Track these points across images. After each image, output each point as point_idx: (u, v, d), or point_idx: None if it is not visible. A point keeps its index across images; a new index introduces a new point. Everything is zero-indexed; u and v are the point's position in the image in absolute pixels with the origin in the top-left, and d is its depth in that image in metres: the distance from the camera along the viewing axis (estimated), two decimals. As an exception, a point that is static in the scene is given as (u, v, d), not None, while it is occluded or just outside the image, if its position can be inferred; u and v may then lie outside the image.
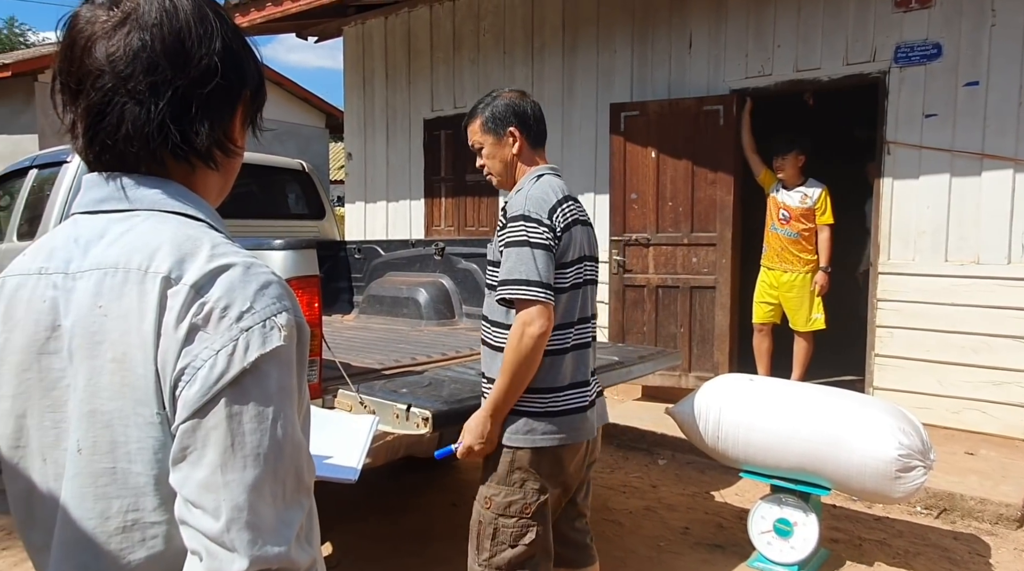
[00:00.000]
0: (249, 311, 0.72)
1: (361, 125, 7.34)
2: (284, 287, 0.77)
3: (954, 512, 3.58)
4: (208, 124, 0.81)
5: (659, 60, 5.34)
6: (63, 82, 0.79)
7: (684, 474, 4.25)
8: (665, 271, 5.21)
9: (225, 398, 0.70)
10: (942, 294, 4.23)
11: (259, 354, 0.71)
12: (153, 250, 0.75)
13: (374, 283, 4.59)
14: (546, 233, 1.89)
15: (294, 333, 0.75)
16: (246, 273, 0.74)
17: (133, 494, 0.74)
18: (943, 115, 4.17)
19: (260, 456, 0.70)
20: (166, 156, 0.80)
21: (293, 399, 0.75)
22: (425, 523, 3.51)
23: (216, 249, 0.76)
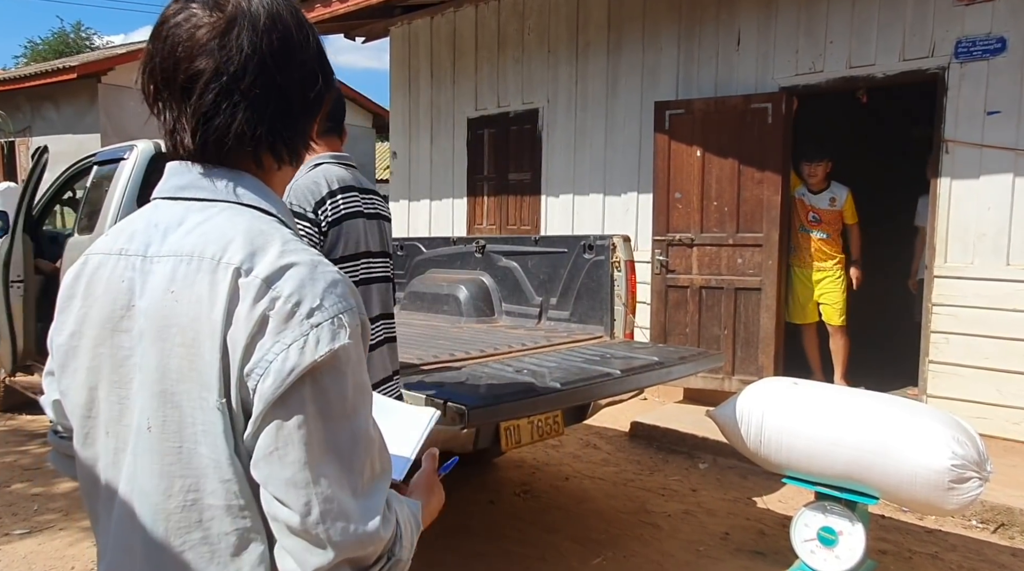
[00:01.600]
0: (319, 308, 0.74)
1: (406, 124, 7.41)
2: (349, 286, 0.79)
3: (1013, 527, 3.41)
4: (307, 123, 0.87)
5: (706, 58, 5.24)
6: (164, 82, 0.81)
7: (725, 479, 4.16)
8: (709, 272, 5.11)
9: (302, 394, 0.72)
10: (1003, 299, 4.04)
11: (329, 349, 0.73)
12: (227, 242, 0.77)
13: (416, 280, 4.63)
14: (304, 226, 1.81)
15: (359, 331, 0.77)
16: (314, 271, 0.76)
17: (195, 475, 0.76)
18: (1007, 112, 3.99)
19: (340, 450, 0.73)
20: (264, 154, 0.84)
21: (366, 395, 0.78)
22: (462, 519, 3.52)
23: (287, 246, 0.78)
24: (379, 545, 0.76)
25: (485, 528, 3.44)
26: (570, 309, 3.83)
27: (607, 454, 4.61)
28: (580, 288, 3.77)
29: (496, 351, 3.12)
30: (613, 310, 3.59)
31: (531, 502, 3.78)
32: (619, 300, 3.58)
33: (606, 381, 2.61)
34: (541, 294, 3.99)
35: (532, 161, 6.37)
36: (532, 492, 3.92)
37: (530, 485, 4.02)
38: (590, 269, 3.71)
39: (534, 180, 6.36)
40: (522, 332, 3.78)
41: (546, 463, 4.40)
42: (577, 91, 6.00)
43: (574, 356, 2.99)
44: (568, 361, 2.87)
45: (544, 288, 3.98)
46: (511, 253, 4.17)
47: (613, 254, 3.58)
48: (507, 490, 3.95)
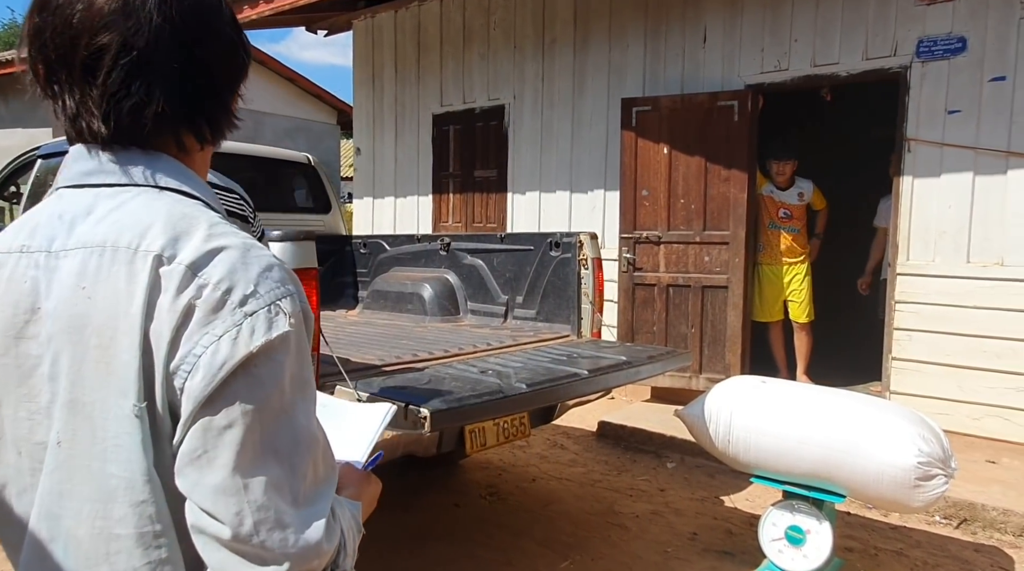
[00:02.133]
0: (253, 295, 0.67)
1: (370, 120, 7.27)
2: (287, 270, 0.72)
3: (975, 523, 3.44)
4: (229, 98, 0.79)
5: (672, 55, 5.23)
6: (59, 61, 0.72)
7: (693, 478, 4.14)
8: (676, 270, 5.09)
9: (235, 390, 0.64)
10: (964, 296, 4.09)
11: (265, 340, 0.66)
12: (145, 227, 0.69)
13: (379, 278, 4.52)
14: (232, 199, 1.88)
15: (301, 319, 0.70)
16: (246, 254, 0.69)
17: (104, 498, 0.68)
18: (967, 111, 4.03)
19: (278, 451, 0.66)
20: (186, 135, 0.76)
21: (307, 389, 0.70)
22: (427, 523, 3.43)
23: (214, 229, 0.70)
24: (323, 559, 0.68)
25: (450, 532, 3.35)
26: (536, 308, 3.76)
27: (574, 454, 4.56)
28: (547, 286, 3.70)
29: (461, 351, 3.04)
30: (580, 309, 3.53)
31: (497, 504, 3.70)
32: (586, 298, 3.52)
33: (573, 382, 2.55)
34: (507, 293, 3.92)
35: (498, 158, 6.29)
36: (499, 494, 3.84)
37: (496, 487, 3.95)
38: (557, 267, 3.65)
39: (500, 177, 6.28)
40: (487, 331, 3.70)
41: (513, 464, 4.33)
42: (544, 88, 5.94)
43: (540, 356, 2.92)
44: (534, 361, 2.80)
45: (510, 286, 3.91)
46: (476, 251, 4.09)
47: (580, 252, 3.52)
48: (473, 492, 3.86)
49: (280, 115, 14.56)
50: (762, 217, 5.19)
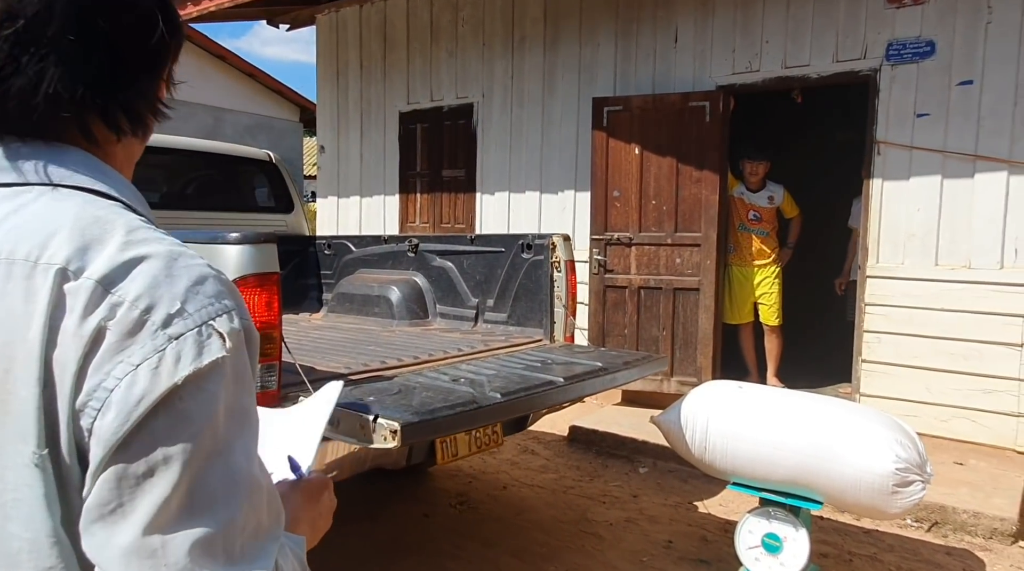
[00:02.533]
0: (180, 314, 0.56)
1: (334, 117, 7.08)
2: (225, 284, 0.61)
3: (946, 526, 3.45)
4: (148, 82, 0.67)
5: (643, 55, 5.18)
6: None
7: (666, 483, 4.08)
8: (648, 272, 5.04)
9: (154, 429, 0.53)
10: (932, 299, 4.11)
11: (194, 369, 0.55)
12: (48, 236, 0.57)
13: (344, 280, 4.37)
14: None
15: (241, 341, 0.59)
16: (172, 265, 0.58)
17: (5, 564, 0.56)
18: (935, 115, 4.06)
19: (209, 502, 0.54)
20: (92, 122, 0.64)
21: (245, 425, 0.59)
22: (395, 535, 3.30)
23: (133, 234, 0.59)
24: None
25: (419, 544, 3.23)
26: (508, 311, 3.66)
27: (546, 460, 4.47)
28: (518, 289, 3.60)
29: (431, 357, 2.92)
30: (553, 313, 3.44)
31: (468, 514, 3.59)
32: (559, 302, 3.44)
33: (549, 390, 2.45)
34: (477, 295, 3.81)
35: (467, 158, 6.17)
36: (469, 503, 3.73)
37: (467, 495, 3.84)
38: (529, 269, 3.55)
39: (469, 177, 6.17)
40: (458, 336, 3.59)
41: (483, 471, 4.22)
42: (513, 86, 5.84)
43: (514, 362, 2.82)
44: (508, 368, 2.70)
45: (480, 289, 3.80)
46: (446, 252, 3.97)
47: (553, 254, 3.43)
48: (442, 502, 3.74)
49: (240, 112, 14.21)
50: (732, 219, 5.19)
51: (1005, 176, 3.88)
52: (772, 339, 5.26)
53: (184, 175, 4.72)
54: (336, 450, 2.23)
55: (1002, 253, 3.91)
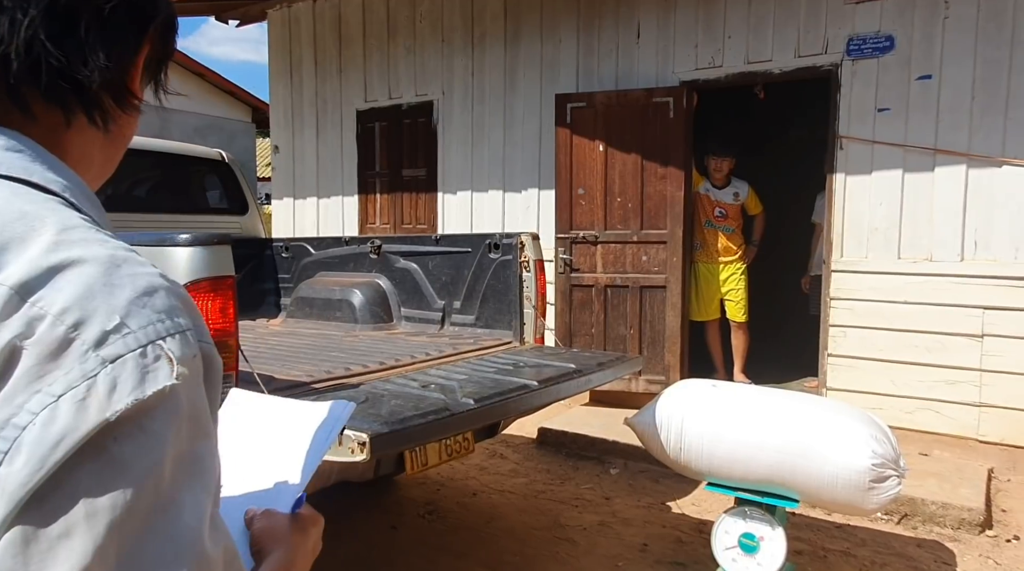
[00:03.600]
0: (118, 331, 0.44)
1: (288, 116, 6.86)
2: (181, 298, 0.49)
3: (916, 518, 3.47)
4: (104, 54, 0.54)
5: (606, 50, 5.12)
6: None
7: (638, 484, 4.02)
8: (614, 270, 4.99)
9: (77, 479, 0.41)
10: (895, 292, 4.15)
11: (133, 401, 0.43)
12: None
13: (303, 284, 4.20)
14: None
15: (199, 369, 0.47)
16: (113, 273, 0.46)
17: None
18: (896, 109, 4.09)
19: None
20: (30, 94, 0.52)
21: (199, 476, 0.47)
22: (362, 550, 3.16)
23: (66, 234, 0.47)
24: None
25: (387, 558, 3.10)
26: (475, 313, 3.55)
27: (515, 464, 4.37)
28: (486, 290, 3.50)
29: (398, 363, 2.80)
30: (522, 314, 3.34)
31: (437, 523, 3.47)
32: (528, 303, 3.34)
33: (524, 394, 2.36)
34: (443, 297, 3.69)
35: (427, 156, 6.04)
36: (438, 512, 3.61)
37: (435, 504, 3.71)
38: (496, 270, 3.45)
39: (430, 176, 6.03)
40: (424, 339, 3.47)
41: (451, 478, 4.10)
42: (474, 83, 5.73)
43: (485, 366, 2.72)
44: (479, 373, 2.60)
45: (447, 291, 3.68)
46: (410, 254, 3.84)
47: (521, 253, 3.33)
48: (410, 512, 3.62)
49: (189, 112, 13.77)
50: (698, 216, 5.17)
51: (964, 169, 3.94)
52: (739, 335, 5.27)
53: (131, 175, 4.48)
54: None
55: (962, 245, 3.97)
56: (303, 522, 0.71)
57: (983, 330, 3.92)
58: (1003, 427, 3.90)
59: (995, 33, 3.82)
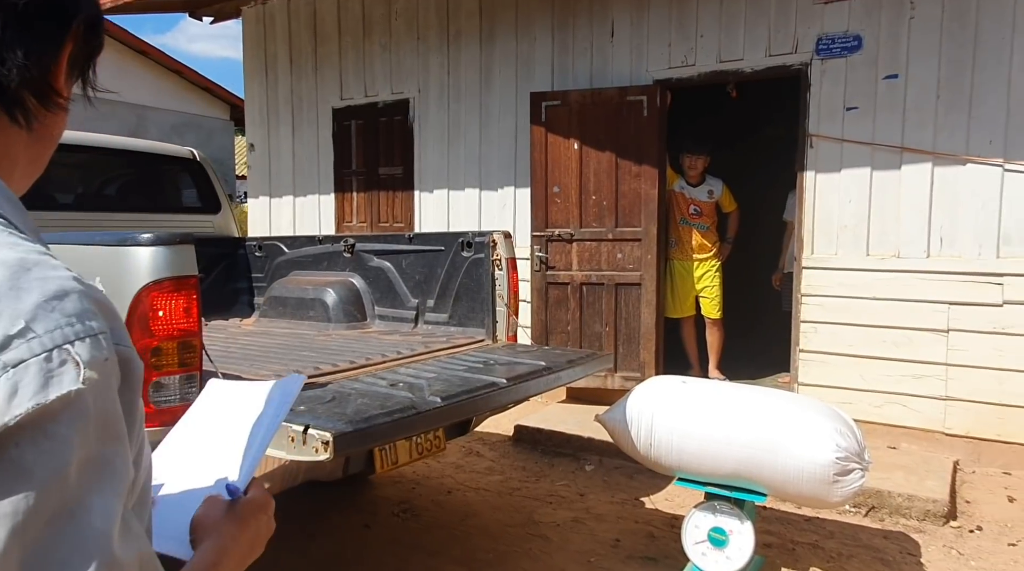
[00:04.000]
0: (22, 335, 0.44)
1: (264, 114, 6.81)
2: (96, 301, 0.49)
3: (882, 510, 3.53)
4: (22, 52, 0.54)
5: (580, 49, 5.14)
6: None
7: (613, 480, 4.06)
8: (589, 268, 5.02)
9: None
10: (864, 288, 4.21)
11: (35, 405, 0.43)
12: None
13: (277, 283, 4.18)
14: None
15: (111, 373, 0.47)
16: (22, 276, 0.46)
17: None
18: (864, 108, 4.15)
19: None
20: None
21: (108, 478, 0.46)
22: (334, 549, 3.16)
23: None
24: None
25: (360, 557, 3.10)
26: (449, 311, 3.55)
27: (491, 461, 4.38)
28: (459, 289, 3.50)
29: (368, 361, 2.79)
30: (495, 312, 3.35)
31: (411, 522, 3.48)
32: (501, 301, 3.35)
33: (492, 392, 2.37)
34: (417, 296, 3.69)
35: (404, 155, 6.03)
36: (412, 510, 3.62)
37: (410, 503, 3.71)
38: (469, 268, 3.46)
39: (406, 175, 6.02)
40: (397, 338, 3.46)
41: (427, 476, 4.11)
42: (450, 81, 5.72)
43: (455, 364, 2.73)
44: (449, 371, 2.60)
45: (420, 289, 3.68)
46: (383, 252, 3.84)
47: (493, 252, 3.34)
48: (385, 510, 3.61)
49: (166, 110, 13.61)
50: (673, 213, 5.21)
51: (930, 167, 4.00)
52: (713, 332, 5.32)
53: (101, 175, 4.43)
54: (265, 464, 2.09)
55: (928, 242, 4.03)
56: (240, 510, 0.70)
57: (948, 325, 3.99)
58: (968, 420, 3.98)
59: (959, 33, 3.89)
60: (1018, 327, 3.81)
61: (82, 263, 2.12)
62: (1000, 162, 3.82)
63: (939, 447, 4.06)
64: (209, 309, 4.12)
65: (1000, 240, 3.85)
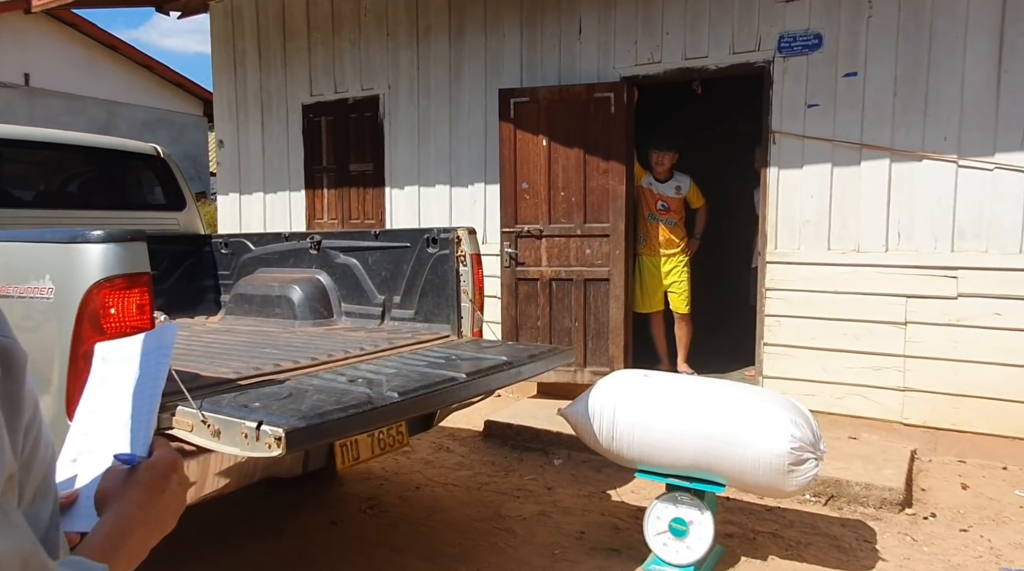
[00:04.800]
0: None
1: (233, 110, 6.75)
2: None
3: (841, 498, 3.60)
4: None
5: (549, 46, 5.16)
6: None
7: (580, 473, 4.09)
8: (558, 264, 5.05)
9: None
10: (825, 282, 4.29)
11: None
12: None
13: (243, 281, 4.15)
14: None
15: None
16: None
17: None
18: (825, 105, 4.22)
19: None
20: None
21: None
22: (299, 547, 3.16)
23: None
24: None
25: (325, 554, 3.11)
26: (415, 308, 3.56)
27: (461, 457, 4.40)
28: (425, 285, 3.51)
29: (331, 358, 2.80)
30: (460, 308, 3.37)
31: (378, 519, 3.49)
32: (465, 296, 3.37)
33: (451, 387, 2.39)
34: (383, 292, 3.69)
35: (374, 151, 6.01)
36: (380, 507, 3.62)
37: (378, 499, 3.72)
38: (434, 264, 3.47)
39: (377, 171, 6.01)
40: (362, 334, 3.47)
41: (396, 472, 4.12)
42: (419, 77, 5.72)
43: (417, 360, 2.74)
44: (410, 366, 2.61)
45: (387, 286, 3.69)
46: (350, 249, 3.83)
47: (458, 248, 3.36)
48: (352, 507, 3.62)
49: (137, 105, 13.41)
50: (641, 209, 5.26)
51: (888, 163, 4.09)
52: (682, 326, 5.38)
53: (63, 172, 4.37)
54: (220, 461, 2.09)
55: (887, 237, 4.12)
56: (141, 474, 0.67)
57: (906, 318, 4.08)
58: (925, 410, 4.08)
59: (915, 32, 3.97)
60: (971, 319, 3.91)
61: (33, 260, 2.10)
62: (954, 158, 3.91)
63: (898, 437, 4.16)
64: (175, 307, 4.10)
65: (955, 234, 3.94)
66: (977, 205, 3.88)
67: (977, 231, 3.89)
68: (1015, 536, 3.22)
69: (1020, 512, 3.45)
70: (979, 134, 3.84)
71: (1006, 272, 3.81)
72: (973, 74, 3.84)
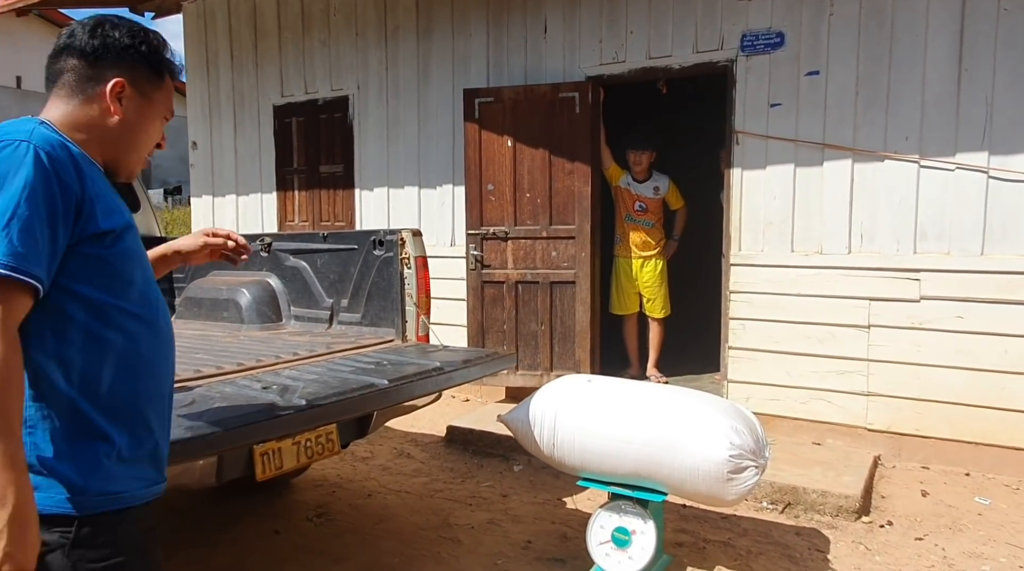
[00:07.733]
0: None
1: (206, 111, 6.70)
2: None
3: (798, 506, 3.52)
4: None
5: (515, 45, 5.10)
6: None
7: (539, 480, 4.02)
8: (524, 266, 4.98)
9: None
10: (789, 285, 4.21)
11: None
12: None
13: (194, 284, 4.09)
14: None
15: None
16: None
17: None
18: (787, 105, 4.15)
19: None
20: None
21: None
22: (237, 556, 3.09)
23: None
24: None
25: (264, 565, 3.04)
26: (362, 311, 3.50)
27: (420, 463, 4.33)
28: (371, 288, 3.45)
29: (259, 363, 2.73)
30: (404, 311, 3.30)
31: (324, 527, 3.42)
32: (410, 300, 3.30)
33: (369, 393, 2.32)
34: (332, 296, 3.63)
35: (344, 152, 5.95)
36: (327, 515, 3.56)
37: (327, 507, 3.65)
38: (380, 267, 3.40)
39: (347, 173, 5.95)
40: (306, 339, 3.40)
41: (351, 479, 4.05)
42: (388, 77, 5.66)
43: (345, 365, 2.67)
44: (334, 372, 2.55)
45: (335, 289, 3.62)
46: (299, 251, 3.77)
47: (402, 250, 3.29)
48: (299, 515, 3.55)
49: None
50: (619, 210, 5.17)
51: (850, 164, 4.01)
52: (655, 330, 5.25)
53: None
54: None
55: (849, 238, 4.04)
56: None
57: (869, 321, 4.00)
58: (888, 415, 3.99)
59: (876, 30, 3.89)
60: (934, 322, 3.82)
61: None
62: (916, 159, 3.83)
63: (863, 442, 4.07)
64: (127, 311, 4.04)
65: (917, 236, 3.86)
66: (939, 206, 3.80)
67: (939, 232, 3.81)
68: (970, 545, 3.13)
69: (978, 520, 3.36)
70: (940, 133, 3.76)
71: (968, 274, 3.73)
72: (934, 72, 3.76)
